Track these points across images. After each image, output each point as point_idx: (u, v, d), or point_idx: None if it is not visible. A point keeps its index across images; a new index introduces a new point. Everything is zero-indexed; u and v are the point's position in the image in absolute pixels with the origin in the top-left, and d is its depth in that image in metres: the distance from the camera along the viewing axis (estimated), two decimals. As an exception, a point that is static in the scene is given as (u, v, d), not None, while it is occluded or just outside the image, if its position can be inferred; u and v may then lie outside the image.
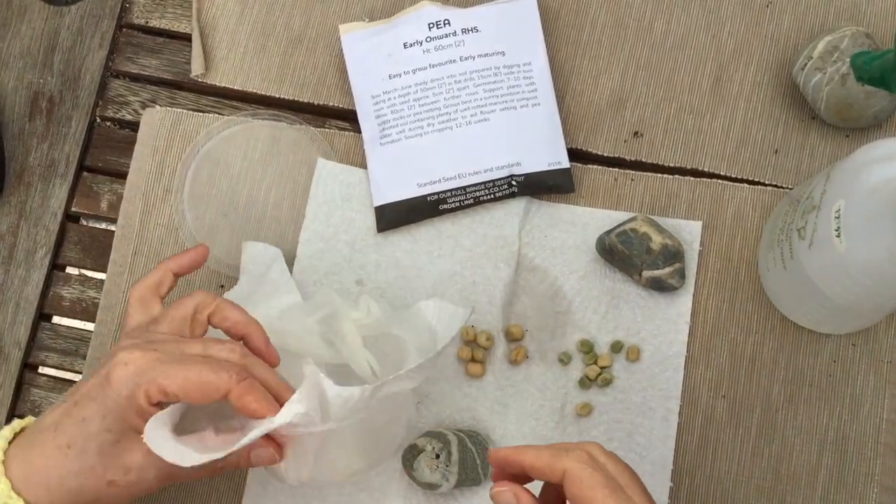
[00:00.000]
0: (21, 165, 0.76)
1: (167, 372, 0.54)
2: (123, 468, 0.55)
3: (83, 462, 0.54)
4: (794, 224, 0.61)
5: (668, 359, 0.70)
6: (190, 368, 0.54)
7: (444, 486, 0.66)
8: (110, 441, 0.54)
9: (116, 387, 0.54)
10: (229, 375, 0.54)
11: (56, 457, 0.54)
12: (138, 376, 0.54)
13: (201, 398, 0.54)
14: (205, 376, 0.54)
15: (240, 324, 0.60)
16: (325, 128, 0.75)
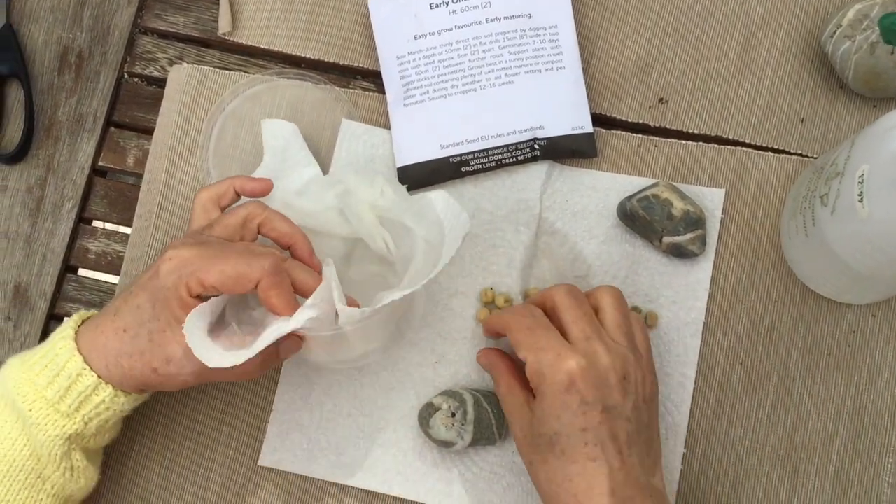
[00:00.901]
0: (49, 120, 0.77)
1: (206, 266, 0.58)
2: (165, 358, 0.59)
3: (135, 346, 0.59)
4: (818, 191, 0.61)
5: (685, 325, 0.70)
6: (227, 261, 0.58)
7: (459, 444, 0.67)
8: (158, 329, 0.59)
9: (163, 278, 0.59)
10: (262, 267, 0.58)
11: (114, 338, 0.60)
12: (181, 269, 0.59)
13: (236, 289, 0.59)
14: (240, 268, 0.58)
15: (286, 235, 0.64)
16: (350, 88, 0.76)
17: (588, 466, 0.57)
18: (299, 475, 0.69)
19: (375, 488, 0.69)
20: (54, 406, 0.59)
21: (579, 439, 0.57)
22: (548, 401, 0.58)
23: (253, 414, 0.70)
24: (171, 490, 0.69)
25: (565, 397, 0.58)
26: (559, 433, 0.58)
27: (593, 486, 0.57)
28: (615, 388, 0.59)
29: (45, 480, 0.60)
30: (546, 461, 0.59)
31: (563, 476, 0.58)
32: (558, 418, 0.58)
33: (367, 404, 0.70)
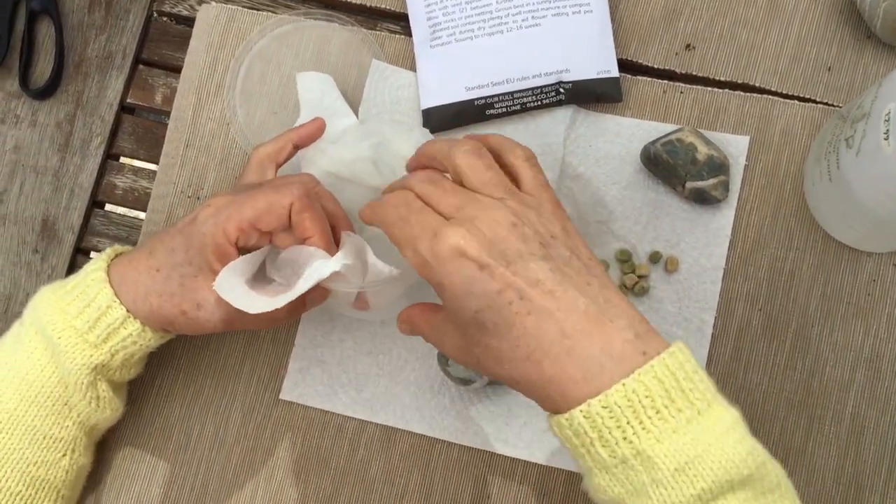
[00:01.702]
0: (79, 56, 0.77)
1: (240, 207, 0.60)
2: (196, 303, 0.60)
3: (166, 286, 0.60)
4: (843, 134, 0.61)
5: (706, 271, 0.70)
6: (257, 197, 0.60)
7: (478, 382, 0.67)
8: (191, 273, 0.60)
9: (199, 224, 0.60)
10: (291, 193, 0.60)
11: (146, 275, 0.61)
12: (218, 215, 0.60)
13: (272, 219, 0.60)
14: (270, 197, 0.60)
15: (331, 215, 0.64)
16: (377, 30, 0.76)
17: (527, 321, 0.50)
18: (319, 410, 0.70)
19: (394, 424, 0.70)
20: (83, 336, 0.60)
21: (502, 304, 0.50)
22: (448, 286, 0.51)
23: (274, 350, 0.71)
24: (192, 422, 0.71)
25: (463, 272, 0.50)
26: (480, 309, 0.50)
27: (542, 336, 0.49)
28: (508, 238, 0.51)
29: (71, 408, 0.62)
30: (488, 347, 0.51)
31: (509, 348, 0.50)
32: (469, 294, 0.50)
33: (387, 342, 0.71)
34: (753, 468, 0.48)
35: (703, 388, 0.49)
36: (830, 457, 0.68)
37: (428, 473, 0.69)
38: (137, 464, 0.70)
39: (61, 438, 0.62)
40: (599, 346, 0.49)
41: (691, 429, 0.48)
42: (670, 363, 0.48)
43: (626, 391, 0.48)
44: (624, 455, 0.48)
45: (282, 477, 0.69)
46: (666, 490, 0.47)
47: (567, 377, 0.49)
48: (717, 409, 0.49)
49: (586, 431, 0.49)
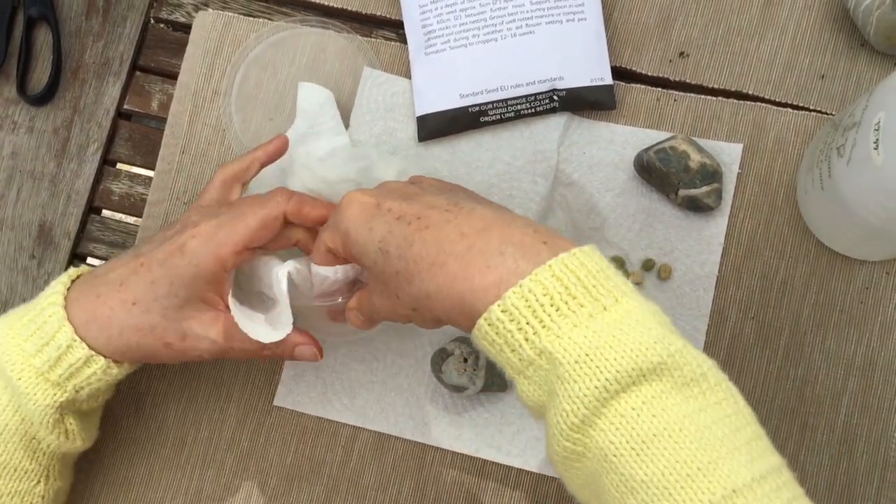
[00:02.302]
0: (77, 62, 0.78)
1: (232, 230, 0.58)
2: (181, 334, 0.59)
3: (146, 320, 0.58)
4: (835, 143, 0.61)
5: (699, 279, 0.70)
6: (245, 216, 0.59)
7: (471, 389, 0.67)
8: (175, 306, 0.58)
9: (189, 256, 0.58)
10: (276, 201, 0.59)
11: (120, 310, 0.58)
12: (208, 242, 0.58)
13: (267, 234, 0.59)
14: (259, 213, 0.59)
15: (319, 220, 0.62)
16: (372, 37, 0.76)
17: (426, 235, 0.51)
18: (313, 416, 0.70)
19: (387, 431, 0.70)
20: (44, 375, 0.58)
21: (401, 226, 0.52)
22: (353, 232, 0.54)
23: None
24: (188, 426, 0.71)
25: (363, 215, 0.54)
26: (383, 238, 0.52)
27: (442, 242, 0.50)
28: (403, 186, 0.56)
29: (39, 441, 0.60)
30: (398, 273, 0.52)
31: (414, 263, 0.51)
32: (370, 230, 0.53)
33: (381, 349, 0.71)
34: (665, 356, 0.45)
35: (611, 285, 0.47)
36: (823, 465, 0.68)
37: (421, 480, 0.69)
38: (132, 469, 0.70)
39: (32, 469, 0.60)
40: (498, 238, 0.49)
41: (594, 323, 0.46)
42: (570, 262, 0.47)
43: (522, 292, 0.47)
44: (529, 356, 0.47)
45: (275, 483, 0.70)
46: (569, 384, 0.46)
47: (472, 269, 0.49)
48: (627, 304, 0.47)
49: (494, 339, 0.48)
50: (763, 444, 0.46)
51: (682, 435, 0.44)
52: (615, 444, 0.45)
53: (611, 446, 0.45)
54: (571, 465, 0.48)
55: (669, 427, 0.44)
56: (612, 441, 0.45)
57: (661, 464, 0.44)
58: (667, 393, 0.45)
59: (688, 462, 0.44)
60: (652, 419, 0.45)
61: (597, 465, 0.46)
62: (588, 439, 0.46)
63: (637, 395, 0.45)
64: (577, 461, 0.48)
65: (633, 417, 0.45)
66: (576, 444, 0.47)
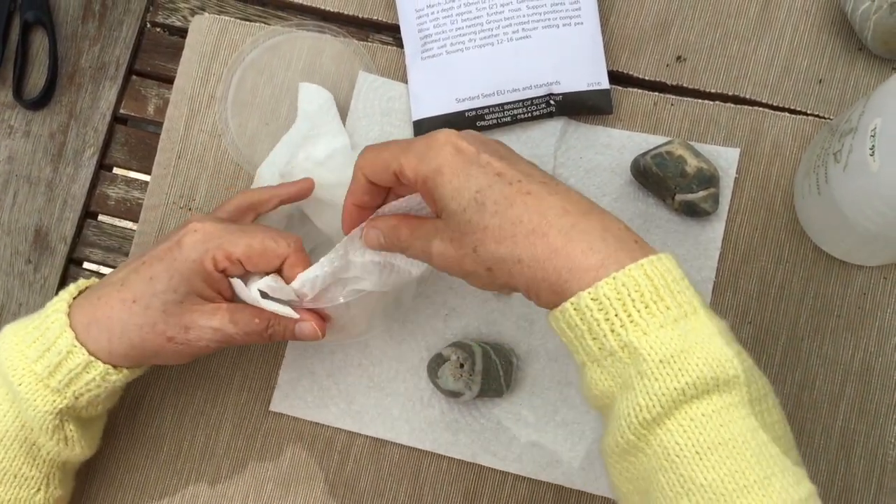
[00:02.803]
0: (73, 67, 0.78)
1: (233, 239, 0.59)
2: (183, 326, 0.59)
3: (146, 317, 0.58)
4: (831, 148, 0.61)
5: (696, 284, 0.68)
6: (254, 236, 0.59)
7: (467, 394, 0.67)
8: (174, 300, 0.58)
9: (186, 250, 0.58)
10: (287, 244, 0.59)
11: (120, 309, 0.59)
12: (206, 242, 0.59)
13: (262, 263, 0.59)
14: (267, 243, 0.59)
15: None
16: (368, 41, 0.76)
17: (528, 200, 0.51)
18: (309, 421, 0.70)
19: (383, 436, 0.70)
20: (44, 381, 0.58)
21: (503, 182, 0.51)
22: (448, 171, 0.52)
23: (265, 360, 0.71)
24: (183, 432, 0.71)
25: (461, 158, 0.52)
26: (481, 189, 0.51)
27: (544, 212, 0.50)
28: (492, 143, 0.54)
29: (39, 448, 0.60)
30: (486, 227, 0.51)
31: (511, 224, 0.51)
32: (469, 176, 0.52)
33: (378, 354, 0.71)
34: (740, 371, 0.47)
35: (691, 294, 0.49)
36: (820, 470, 0.68)
37: (417, 486, 0.69)
38: (128, 474, 0.70)
39: (32, 476, 0.61)
40: (600, 224, 0.50)
41: (679, 326, 0.48)
42: (659, 265, 0.49)
43: (615, 284, 0.48)
44: (612, 347, 0.48)
45: (271, 489, 0.69)
46: (650, 381, 0.47)
47: (575, 247, 0.49)
48: (705, 316, 0.49)
49: (577, 324, 0.49)
50: (802, 470, 0.49)
51: (744, 448, 0.46)
52: (680, 445, 0.47)
53: (675, 447, 0.47)
54: (626, 459, 0.50)
55: (734, 438, 0.46)
56: (678, 442, 0.47)
57: (722, 471, 0.46)
58: (735, 406, 0.47)
59: (746, 474, 0.46)
60: (719, 428, 0.47)
61: (655, 462, 0.48)
62: (653, 436, 0.48)
63: (709, 402, 0.47)
64: (634, 455, 0.49)
65: (703, 423, 0.47)
66: (639, 439, 0.48)
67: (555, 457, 0.68)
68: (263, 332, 0.60)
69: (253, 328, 0.59)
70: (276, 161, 0.72)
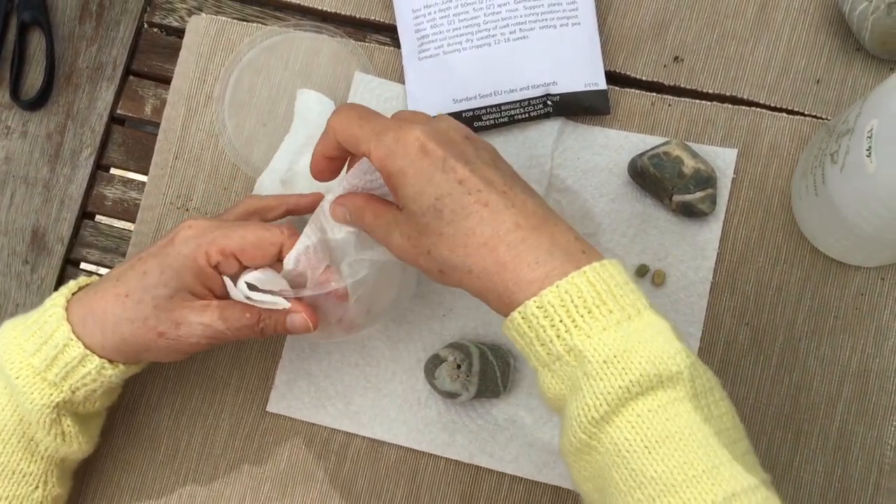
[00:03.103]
0: (70, 67, 0.78)
1: (226, 233, 0.59)
2: (174, 322, 0.59)
3: (138, 311, 0.59)
4: (828, 149, 0.61)
5: (693, 284, 0.70)
6: (247, 228, 0.60)
7: (464, 395, 0.67)
8: (165, 295, 0.59)
9: (178, 246, 0.59)
10: (281, 231, 0.60)
11: (114, 303, 0.59)
12: (199, 237, 0.60)
13: (258, 255, 0.60)
14: (260, 234, 0.60)
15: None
16: (366, 42, 0.76)
17: (483, 213, 0.53)
18: (306, 422, 0.70)
19: (380, 437, 0.70)
20: (41, 374, 0.59)
21: (461, 192, 0.53)
22: (411, 173, 0.54)
23: (262, 361, 0.71)
24: (181, 432, 0.71)
25: (426, 162, 0.54)
26: (441, 196, 0.53)
27: (497, 226, 0.53)
28: (462, 143, 0.55)
29: (37, 443, 0.61)
30: (441, 234, 0.53)
31: (464, 235, 0.53)
32: (431, 181, 0.53)
33: (375, 355, 0.71)
34: (683, 367, 0.49)
35: (635, 297, 0.52)
36: (817, 472, 0.68)
37: (414, 487, 0.69)
38: (125, 474, 0.70)
39: (30, 473, 0.61)
40: (548, 239, 0.53)
41: (621, 328, 0.50)
42: (602, 271, 0.51)
43: (559, 291, 0.51)
44: (558, 352, 0.51)
45: (269, 489, 0.69)
46: (596, 381, 0.49)
47: (521, 262, 0.52)
48: (649, 317, 0.51)
49: (525, 331, 0.52)
50: (753, 458, 0.51)
51: (691, 440, 0.48)
52: (629, 441, 0.49)
53: (625, 442, 0.49)
54: (581, 458, 0.52)
55: (680, 431, 0.48)
56: (627, 438, 0.49)
57: (671, 463, 0.48)
58: (680, 401, 0.49)
59: (694, 464, 0.48)
60: (665, 422, 0.48)
61: (608, 458, 0.50)
62: (603, 434, 0.50)
63: (654, 398, 0.49)
64: (588, 454, 0.51)
65: (649, 419, 0.49)
66: (591, 438, 0.50)
67: (552, 457, 0.68)
68: (255, 326, 0.60)
69: (244, 323, 0.60)
70: (276, 168, 0.72)
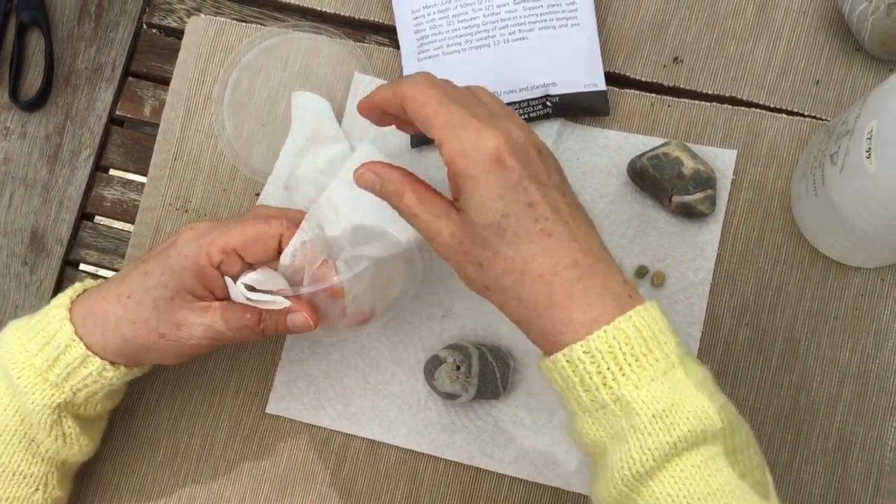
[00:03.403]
0: (69, 68, 0.77)
1: (226, 231, 0.59)
2: (175, 323, 0.59)
3: (139, 313, 0.59)
4: (828, 150, 0.61)
5: (693, 285, 0.70)
6: (246, 224, 0.60)
7: (464, 396, 0.67)
8: (165, 297, 0.59)
9: (180, 247, 0.59)
10: (280, 223, 0.60)
11: (115, 304, 0.59)
12: (200, 238, 0.60)
13: (259, 249, 0.60)
14: (259, 227, 0.60)
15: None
16: (365, 42, 0.76)
17: (546, 242, 0.51)
18: (306, 423, 0.70)
19: (380, 438, 0.70)
20: (42, 375, 0.59)
21: (529, 217, 0.51)
22: (483, 183, 0.51)
23: (261, 362, 0.71)
24: (180, 434, 0.71)
25: (501, 175, 0.51)
26: (507, 215, 0.51)
27: (557, 260, 0.51)
28: (537, 160, 0.53)
29: (38, 444, 0.61)
30: (498, 253, 0.52)
31: (522, 261, 0.51)
32: (501, 198, 0.51)
33: (374, 356, 0.71)
34: (726, 423, 0.49)
35: (676, 343, 0.51)
36: (817, 473, 0.68)
37: (414, 488, 0.69)
38: (124, 476, 0.70)
39: (31, 474, 0.61)
40: (602, 281, 0.52)
41: (668, 379, 0.49)
42: (646, 316, 0.51)
43: (606, 337, 0.49)
44: (604, 400, 0.50)
45: (268, 491, 0.69)
46: (643, 436, 0.49)
47: (575, 302, 0.51)
48: (691, 365, 0.51)
49: (569, 375, 0.51)
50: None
51: (731, 497, 0.48)
52: (672, 497, 0.49)
53: (668, 498, 0.49)
54: None
55: (721, 488, 0.48)
56: (670, 494, 0.49)
57: None
58: (720, 456, 0.49)
59: None
60: (707, 479, 0.48)
61: None
62: (645, 489, 0.49)
63: (697, 454, 0.49)
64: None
65: (692, 475, 0.49)
66: (632, 491, 0.50)
67: (552, 459, 0.68)
68: (255, 326, 0.60)
69: (244, 323, 0.60)
70: (279, 174, 0.72)
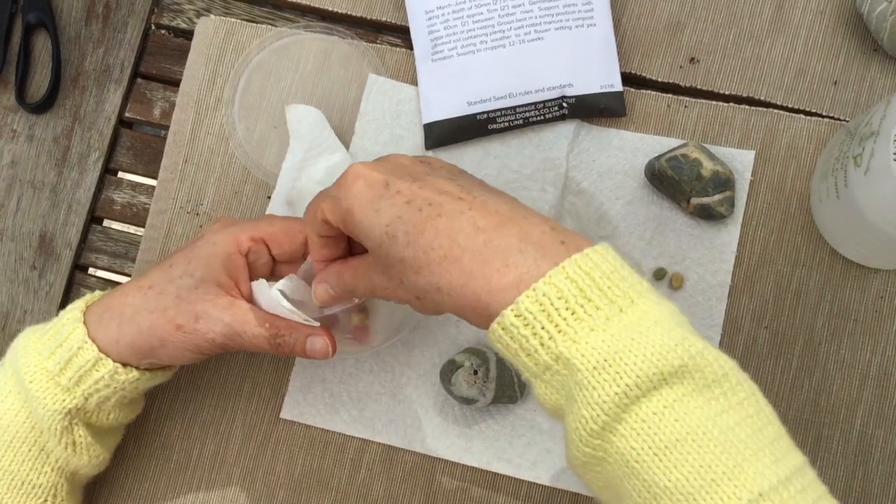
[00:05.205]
0: (76, 70, 0.76)
1: (255, 223, 0.61)
2: (194, 315, 0.58)
3: (159, 302, 0.58)
4: (851, 152, 0.60)
5: (711, 288, 0.69)
6: (273, 219, 0.62)
7: (481, 401, 0.67)
8: (189, 286, 0.58)
9: (207, 237, 0.60)
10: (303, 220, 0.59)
11: (135, 295, 0.59)
12: (228, 227, 0.61)
13: (286, 241, 0.60)
14: (287, 222, 0.61)
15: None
16: (377, 43, 0.75)
17: (438, 224, 0.49)
18: (320, 429, 0.69)
19: (396, 443, 0.69)
20: (54, 378, 0.58)
21: (411, 211, 0.50)
22: (357, 210, 0.51)
23: (275, 368, 0.70)
24: (193, 441, 0.70)
25: (369, 193, 0.51)
26: (391, 222, 0.50)
27: (454, 235, 0.48)
28: (412, 165, 0.53)
29: (48, 453, 0.60)
30: (404, 260, 0.50)
31: (424, 252, 0.49)
32: (378, 211, 0.50)
33: (389, 360, 0.70)
34: (686, 359, 0.44)
35: (626, 286, 0.46)
36: (838, 476, 0.67)
37: (431, 494, 0.68)
38: (137, 483, 0.69)
39: (40, 485, 0.60)
40: (517, 235, 0.48)
41: (610, 326, 0.45)
42: (584, 263, 0.46)
43: (536, 296, 0.46)
44: (546, 362, 0.46)
45: (283, 497, 0.69)
46: (588, 391, 0.45)
47: (489, 267, 0.47)
48: (644, 305, 0.46)
49: (508, 343, 0.47)
50: (785, 442, 0.46)
51: (706, 439, 0.43)
52: (637, 451, 0.44)
53: (633, 452, 0.44)
54: (591, 469, 0.47)
55: (692, 431, 0.44)
56: (634, 447, 0.44)
57: (685, 469, 0.43)
58: (689, 396, 0.44)
59: (712, 467, 0.43)
60: (675, 423, 0.44)
61: (618, 469, 0.45)
62: (609, 445, 0.45)
63: (659, 399, 0.44)
64: (598, 465, 0.47)
65: (656, 422, 0.44)
66: (596, 450, 0.46)
67: (570, 463, 0.68)
68: (272, 339, 0.59)
69: (262, 332, 0.59)
70: (281, 192, 0.72)
